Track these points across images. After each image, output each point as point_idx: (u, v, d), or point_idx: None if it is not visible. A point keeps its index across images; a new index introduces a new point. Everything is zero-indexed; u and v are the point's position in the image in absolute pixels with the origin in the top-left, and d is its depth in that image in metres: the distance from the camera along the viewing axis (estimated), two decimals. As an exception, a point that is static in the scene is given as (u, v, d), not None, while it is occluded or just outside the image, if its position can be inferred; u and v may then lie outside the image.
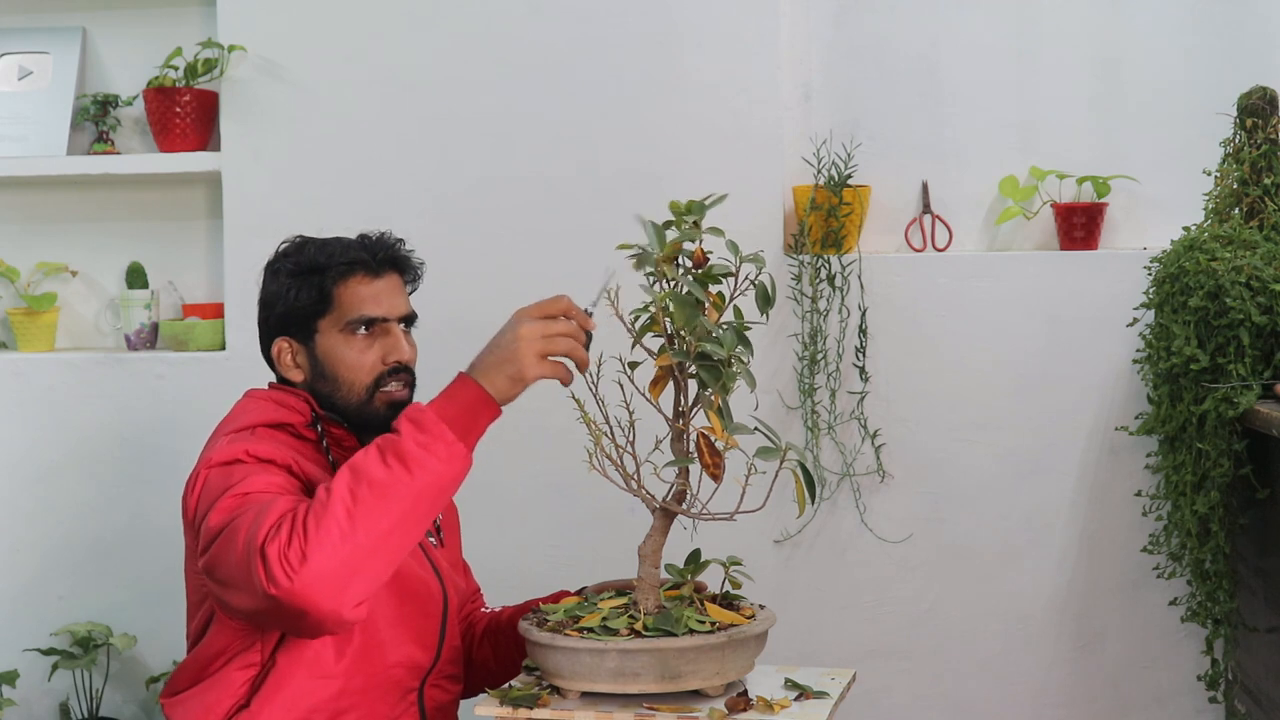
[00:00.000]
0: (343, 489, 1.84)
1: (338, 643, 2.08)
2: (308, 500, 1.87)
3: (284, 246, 2.25)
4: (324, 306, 2.17)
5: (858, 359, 3.01)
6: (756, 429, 1.93)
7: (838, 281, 3.01)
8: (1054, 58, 3.08)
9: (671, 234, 1.92)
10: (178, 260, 3.33)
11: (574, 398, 1.96)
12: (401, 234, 2.28)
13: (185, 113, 3.20)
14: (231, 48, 3.16)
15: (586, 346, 1.96)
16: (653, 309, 1.92)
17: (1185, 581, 2.86)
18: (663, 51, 3.05)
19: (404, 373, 2.18)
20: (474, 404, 1.91)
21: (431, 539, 2.28)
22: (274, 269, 2.23)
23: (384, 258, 2.21)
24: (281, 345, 2.20)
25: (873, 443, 3.01)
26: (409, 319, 2.23)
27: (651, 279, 1.91)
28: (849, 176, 3.00)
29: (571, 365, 1.96)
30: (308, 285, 2.17)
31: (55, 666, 3.13)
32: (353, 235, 2.24)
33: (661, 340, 1.93)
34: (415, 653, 2.16)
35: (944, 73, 3.10)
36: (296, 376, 2.20)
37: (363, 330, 2.16)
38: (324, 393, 2.17)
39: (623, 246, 1.93)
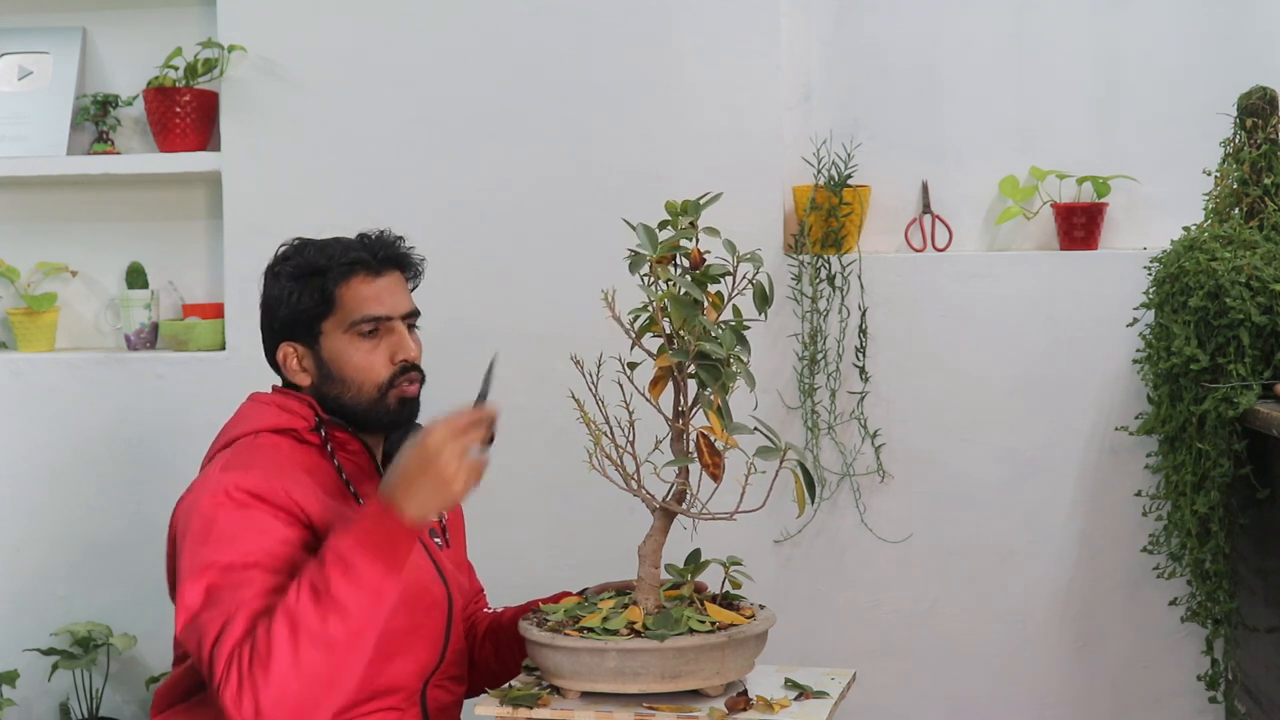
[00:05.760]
0: (283, 643, 1.85)
1: None
2: (266, 620, 1.88)
3: (283, 249, 2.23)
4: (327, 308, 2.15)
5: (858, 359, 3.01)
6: (756, 429, 1.93)
7: (838, 281, 3.01)
8: (1054, 58, 3.07)
9: (668, 234, 1.92)
10: (178, 260, 3.33)
11: (574, 397, 1.96)
12: (401, 234, 2.27)
13: (185, 113, 3.20)
14: (231, 48, 3.16)
15: (491, 433, 2.00)
16: (651, 309, 1.92)
17: (1185, 581, 2.86)
18: (663, 52, 3.05)
19: (413, 370, 2.17)
20: (399, 534, 1.93)
21: (437, 540, 2.27)
22: (274, 272, 2.20)
23: (385, 256, 2.19)
24: (287, 350, 2.18)
25: (873, 443, 3.01)
26: (412, 316, 2.22)
27: (647, 280, 1.91)
28: (849, 176, 3.00)
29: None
30: (309, 288, 2.15)
31: (55, 666, 3.13)
32: (353, 235, 2.23)
33: (661, 340, 1.93)
34: (425, 657, 2.16)
35: (944, 73, 3.10)
36: (304, 381, 2.18)
37: (368, 330, 2.15)
38: (332, 395, 2.16)
39: (620, 248, 1.92)
